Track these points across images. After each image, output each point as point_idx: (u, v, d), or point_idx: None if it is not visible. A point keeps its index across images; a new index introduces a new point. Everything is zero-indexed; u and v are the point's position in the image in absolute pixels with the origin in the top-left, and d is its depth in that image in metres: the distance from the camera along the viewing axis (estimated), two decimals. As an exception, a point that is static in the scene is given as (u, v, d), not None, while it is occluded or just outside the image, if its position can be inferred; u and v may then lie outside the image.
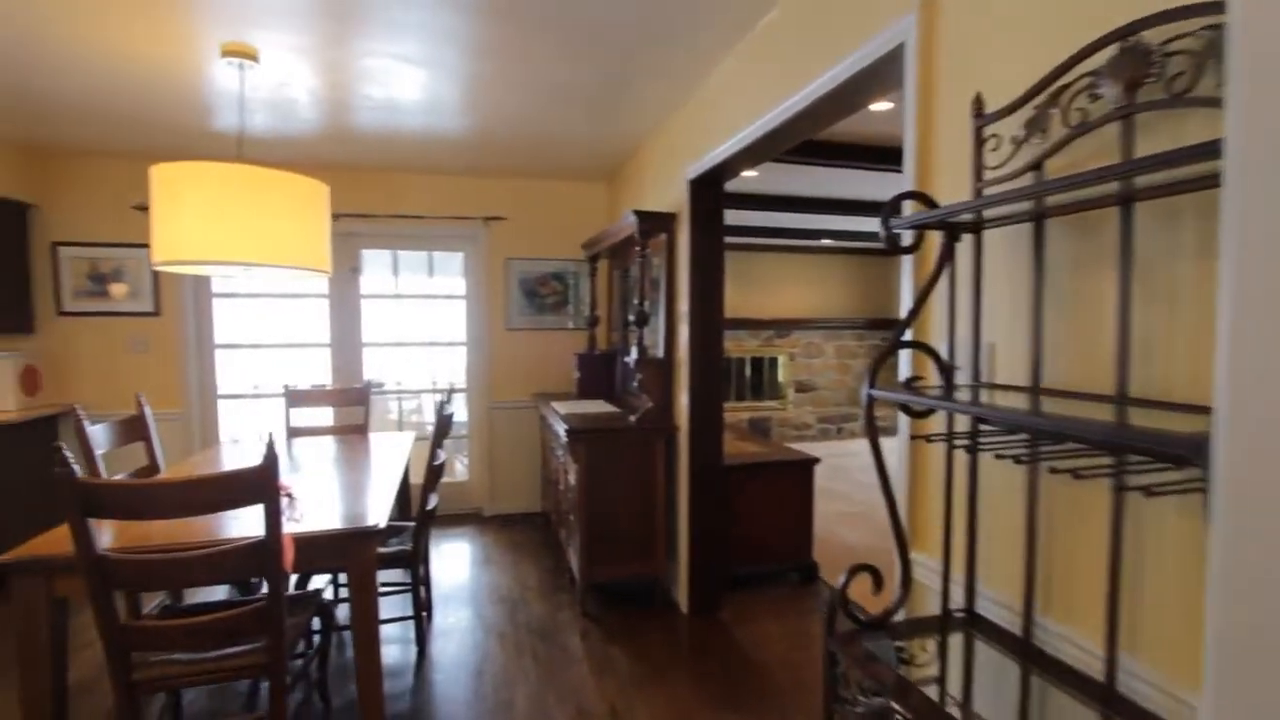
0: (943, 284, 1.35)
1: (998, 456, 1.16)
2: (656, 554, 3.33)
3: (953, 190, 1.43)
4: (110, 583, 1.78)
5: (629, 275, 4.20)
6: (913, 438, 1.52)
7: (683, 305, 3.16)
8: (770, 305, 7.81)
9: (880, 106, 3.11)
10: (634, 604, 3.34)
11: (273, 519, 1.84)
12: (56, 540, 1.99)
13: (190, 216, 2.29)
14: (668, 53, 2.62)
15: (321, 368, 4.61)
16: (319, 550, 2.05)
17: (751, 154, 2.66)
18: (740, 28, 2.43)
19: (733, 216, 4.29)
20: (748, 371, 7.85)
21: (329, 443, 3.46)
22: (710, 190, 3.08)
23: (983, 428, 1.25)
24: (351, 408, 3.93)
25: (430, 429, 3.32)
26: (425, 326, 4.82)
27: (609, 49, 2.59)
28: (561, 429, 3.32)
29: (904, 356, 1.48)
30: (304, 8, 2.24)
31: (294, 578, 2.87)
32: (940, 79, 1.48)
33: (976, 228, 1.30)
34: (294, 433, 3.70)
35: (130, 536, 1.98)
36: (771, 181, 4.77)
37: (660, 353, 3.39)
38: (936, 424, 1.40)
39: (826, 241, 7.26)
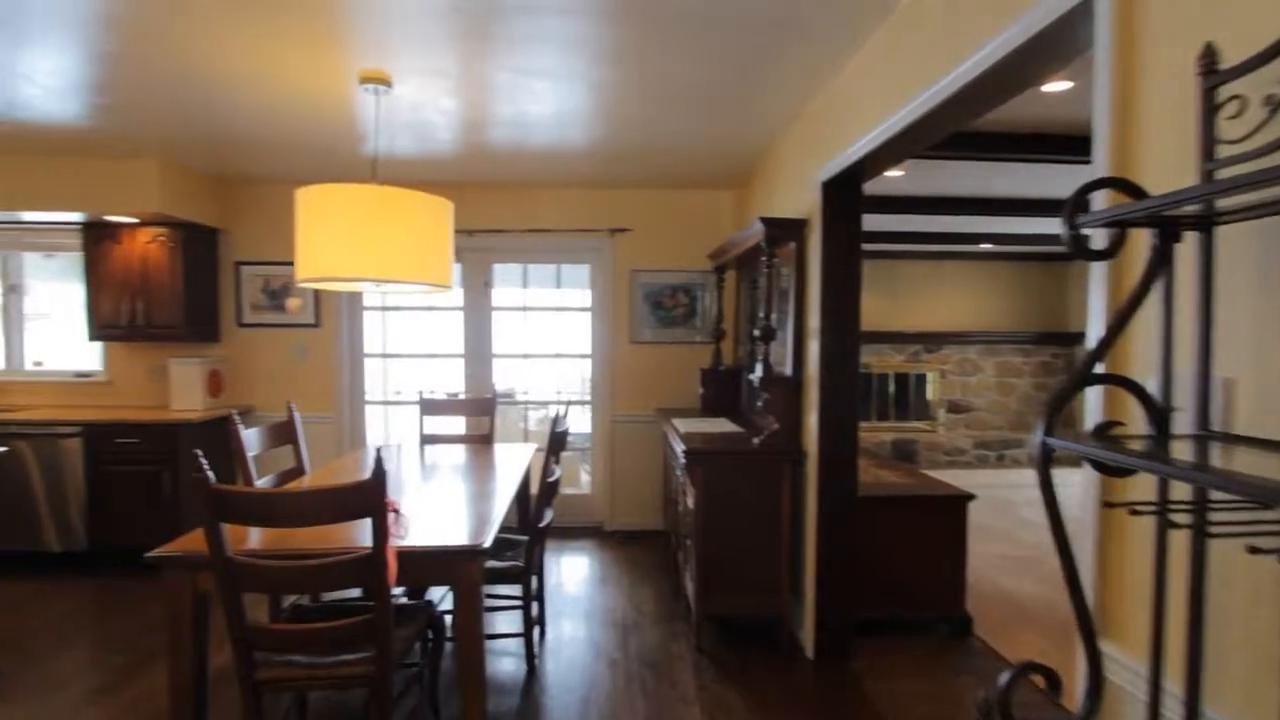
0: (1154, 298, 1.02)
1: (1251, 551, 0.82)
2: (780, 589, 3.05)
3: (1167, 175, 1.09)
4: (236, 584, 1.86)
5: (756, 287, 3.97)
6: (1107, 505, 1.17)
7: (813, 320, 2.88)
8: (917, 317, 7.16)
9: (1055, 87, 2.65)
10: (753, 641, 3.09)
11: (379, 534, 1.84)
12: (202, 538, 2.13)
13: (326, 236, 2.40)
14: (800, 41, 2.39)
15: (456, 377, 4.80)
16: (424, 566, 2.04)
17: (893, 150, 2.35)
18: (881, 9, 2.14)
19: (873, 222, 3.91)
20: (891, 389, 7.24)
21: (457, 451, 3.55)
22: (845, 193, 2.78)
23: (1217, 497, 0.91)
24: (479, 417, 4.03)
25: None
26: (552, 338, 4.87)
27: (738, 45, 2.40)
28: (680, 449, 3.15)
29: (1093, 393, 1.15)
30: (435, 31, 2.28)
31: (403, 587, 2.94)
32: (1146, 29, 1.14)
33: (1207, 222, 0.96)
34: (427, 439, 3.84)
35: (273, 539, 2.06)
36: (918, 181, 4.32)
37: (788, 370, 3.12)
38: (1142, 486, 1.06)
39: (986, 246, 6.52)
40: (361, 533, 2.09)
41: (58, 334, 4.64)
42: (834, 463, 2.84)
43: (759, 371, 3.04)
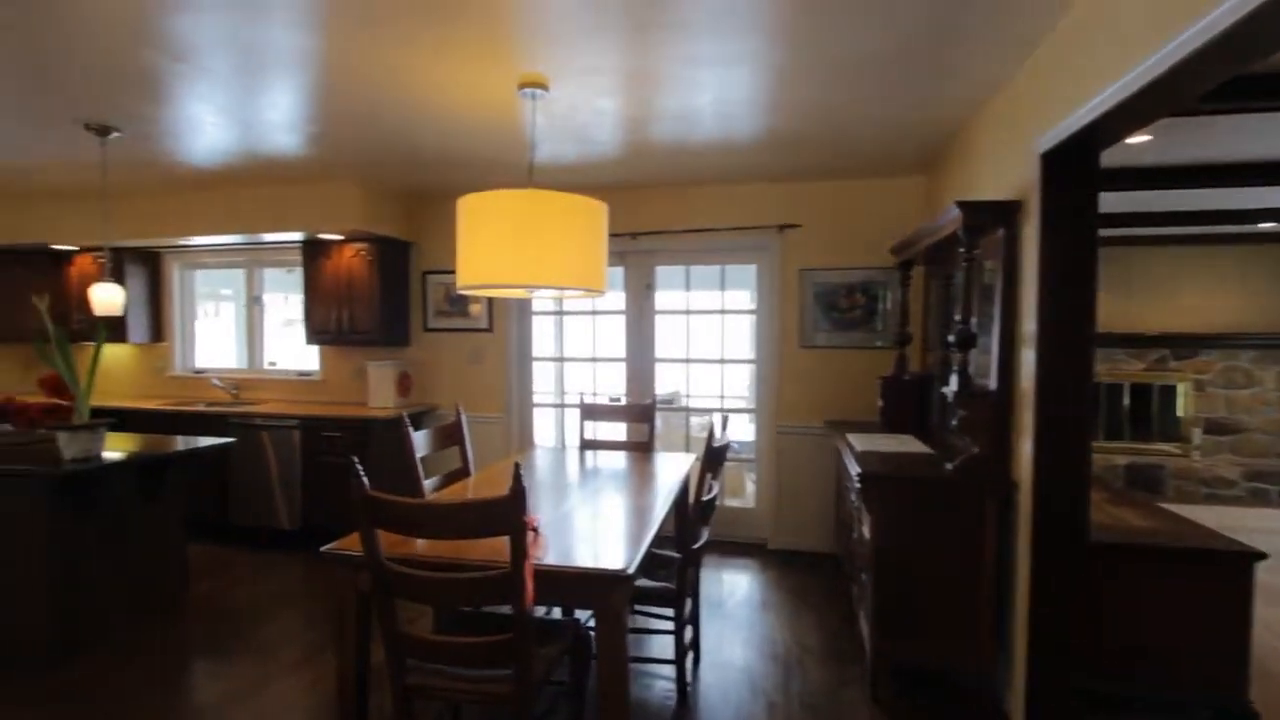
0: None
1: None
2: (978, 642, 2.55)
3: None
4: (386, 588, 1.88)
5: (951, 284, 3.42)
6: None
7: (1027, 323, 2.36)
8: (1162, 316, 5.88)
9: None
10: (944, 698, 2.62)
11: (517, 552, 1.75)
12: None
13: (482, 242, 2.39)
14: (1010, -19, 1.93)
15: (619, 381, 4.77)
16: (564, 587, 1.92)
17: (1140, 107, 1.80)
18: (1134, -87, 1.64)
19: (1103, 201, 3.17)
20: (1125, 402, 6.03)
21: (616, 459, 3.47)
22: (1073, 165, 2.23)
23: None
24: (639, 424, 3.93)
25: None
26: (715, 342, 4.65)
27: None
28: (854, 469, 2.77)
29: None
30: (591, 23, 2.17)
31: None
32: None
33: None
34: (587, 445, 3.82)
35: (433, 545, 2.06)
36: (1170, 146, 3.45)
37: (991, 383, 2.61)
38: None
39: (1268, 225, 5.16)
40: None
41: (287, 338, 5.34)
42: (1055, 499, 2.29)
43: (954, 384, 2.57)
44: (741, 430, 4.85)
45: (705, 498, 2.61)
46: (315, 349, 5.09)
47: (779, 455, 4.40)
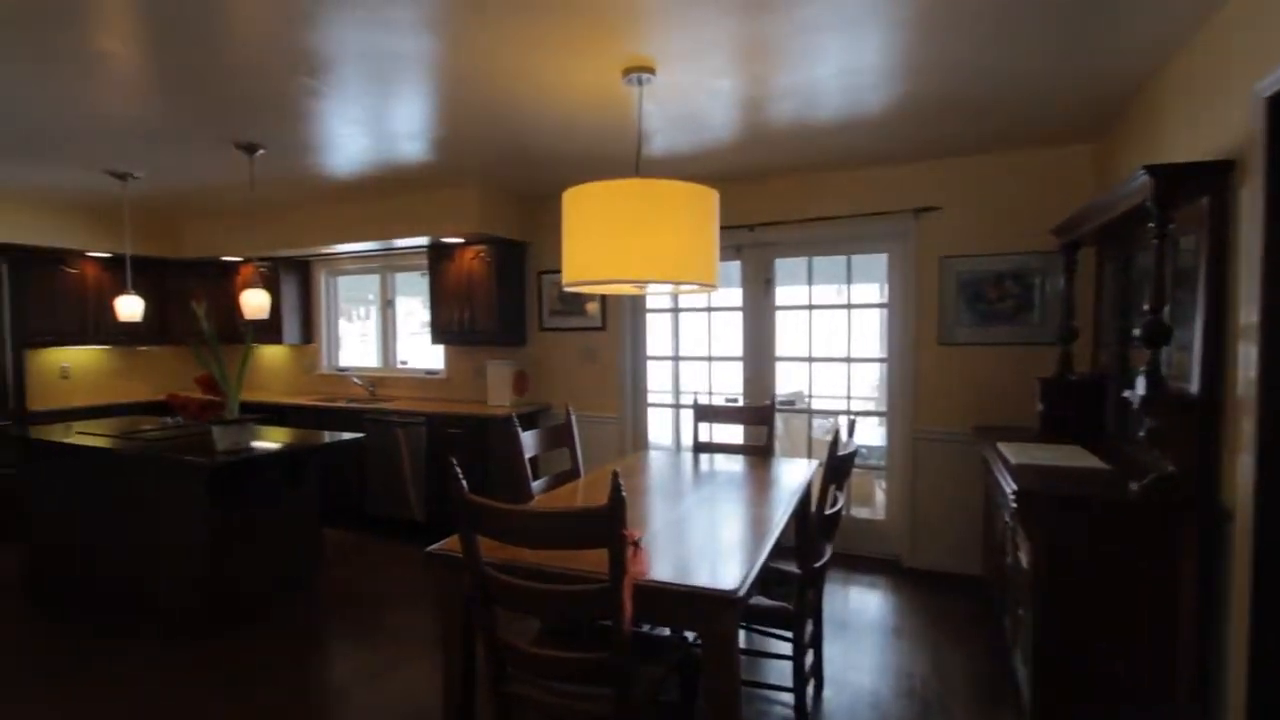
0: None
1: None
2: (1176, 707, 2.09)
3: None
4: (485, 594, 1.81)
5: (1131, 268, 2.88)
6: None
7: (1247, 312, 1.89)
8: None
9: None
10: (1126, 770, 2.17)
11: (616, 568, 1.61)
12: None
13: (586, 237, 2.29)
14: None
15: (736, 381, 4.54)
16: (668, 606, 1.76)
17: None
18: None
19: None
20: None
21: (732, 463, 3.27)
22: (1314, 108, 1.74)
23: None
24: (758, 426, 3.71)
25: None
26: (841, 339, 4.29)
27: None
28: (1009, 485, 2.38)
29: None
30: (685, -11, 1.99)
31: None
32: None
33: None
34: (701, 447, 3.64)
35: (544, 553, 1.97)
36: None
37: (1192, 386, 2.13)
38: None
39: None
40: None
41: (419, 339, 5.62)
42: (1285, 533, 1.81)
43: (1141, 387, 2.11)
44: (869, 434, 4.45)
45: (829, 510, 2.35)
46: (440, 348, 5.30)
47: (915, 463, 3.97)
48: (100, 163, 3.80)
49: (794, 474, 3.01)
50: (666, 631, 2.45)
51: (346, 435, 3.75)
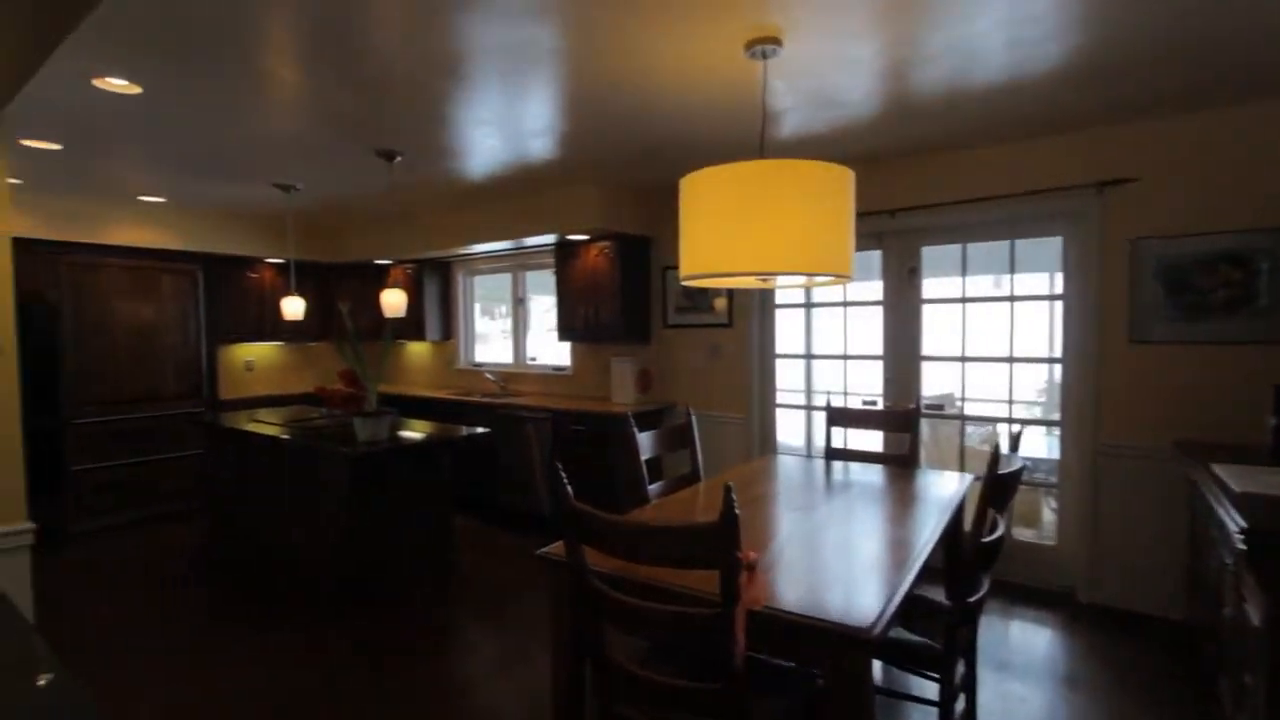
0: None
1: None
2: None
3: None
4: (588, 604, 1.70)
5: None
6: None
7: None
8: None
9: None
10: None
11: (727, 593, 1.44)
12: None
13: (705, 226, 2.12)
14: None
15: (875, 382, 4.15)
16: (788, 639, 1.55)
17: None
18: None
19: None
20: None
21: (868, 473, 2.95)
22: None
23: None
24: (899, 433, 3.34)
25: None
26: (1001, 337, 3.77)
27: None
28: (1232, 518, 1.90)
29: None
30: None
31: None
32: None
33: None
34: (834, 454, 3.34)
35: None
36: None
37: None
38: None
39: None
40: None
41: (550, 335, 5.73)
42: None
43: None
44: (1035, 445, 3.89)
45: (987, 538, 2.01)
46: (567, 345, 5.36)
47: (1096, 480, 3.39)
48: (268, 176, 4.19)
49: (942, 488, 2.65)
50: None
51: (478, 430, 3.86)
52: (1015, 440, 2.26)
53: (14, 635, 1.35)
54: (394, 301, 3.77)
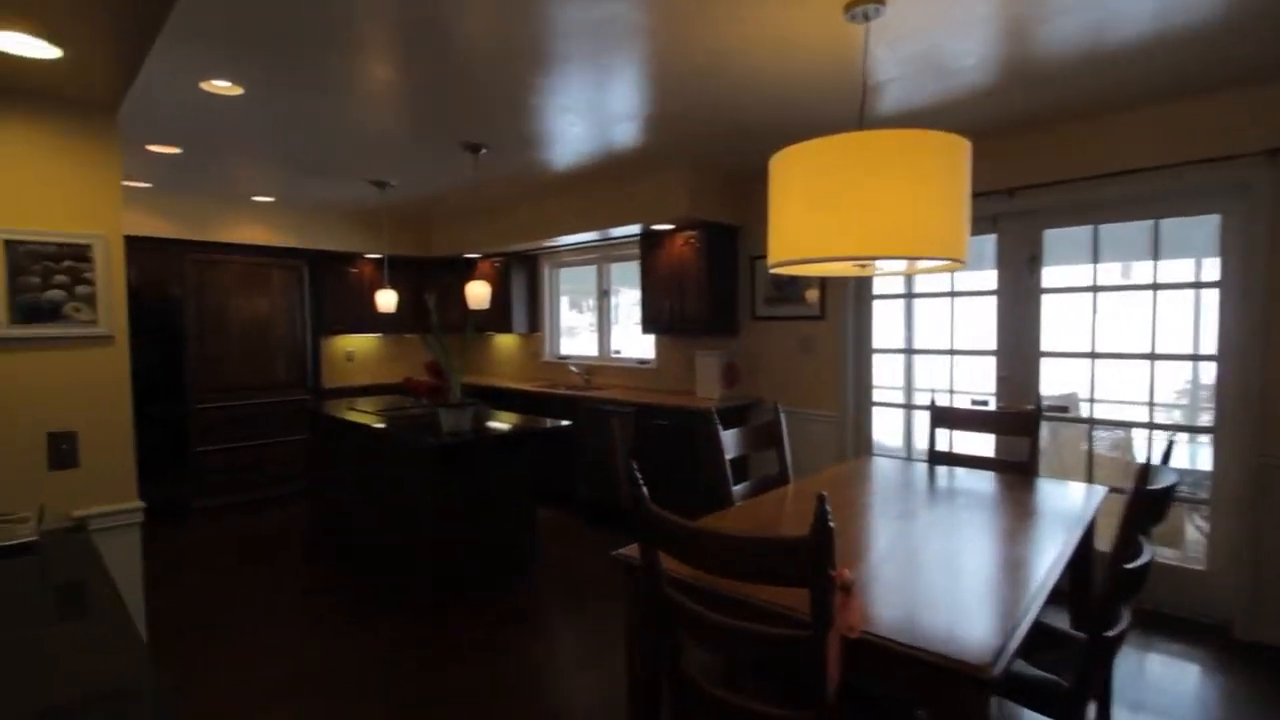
0: None
1: None
2: None
3: None
4: (666, 617, 1.58)
5: None
6: None
7: None
8: None
9: None
10: None
11: (818, 617, 1.27)
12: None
13: (798, 208, 1.94)
14: None
15: (986, 379, 3.78)
16: (889, 672, 1.36)
17: None
18: None
19: None
20: None
21: (978, 481, 2.66)
22: None
23: None
24: (1015, 437, 3.01)
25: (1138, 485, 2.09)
26: (1140, 329, 3.32)
27: None
28: None
29: None
30: None
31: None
32: None
33: None
34: (938, 458, 3.06)
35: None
36: None
37: None
38: None
39: None
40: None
41: (631, 328, 5.65)
42: None
43: None
44: (1176, 452, 3.41)
45: (1131, 564, 1.72)
46: (651, 338, 5.26)
47: (1261, 498, 2.91)
48: (364, 173, 4.33)
49: (1067, 501, 2.34)
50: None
51: (561, 423, 3.83)
52: (1167, 452, 1.93)
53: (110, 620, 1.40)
54: (478, 293, 3.79)
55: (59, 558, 1.83)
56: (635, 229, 4.74)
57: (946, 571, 1.72)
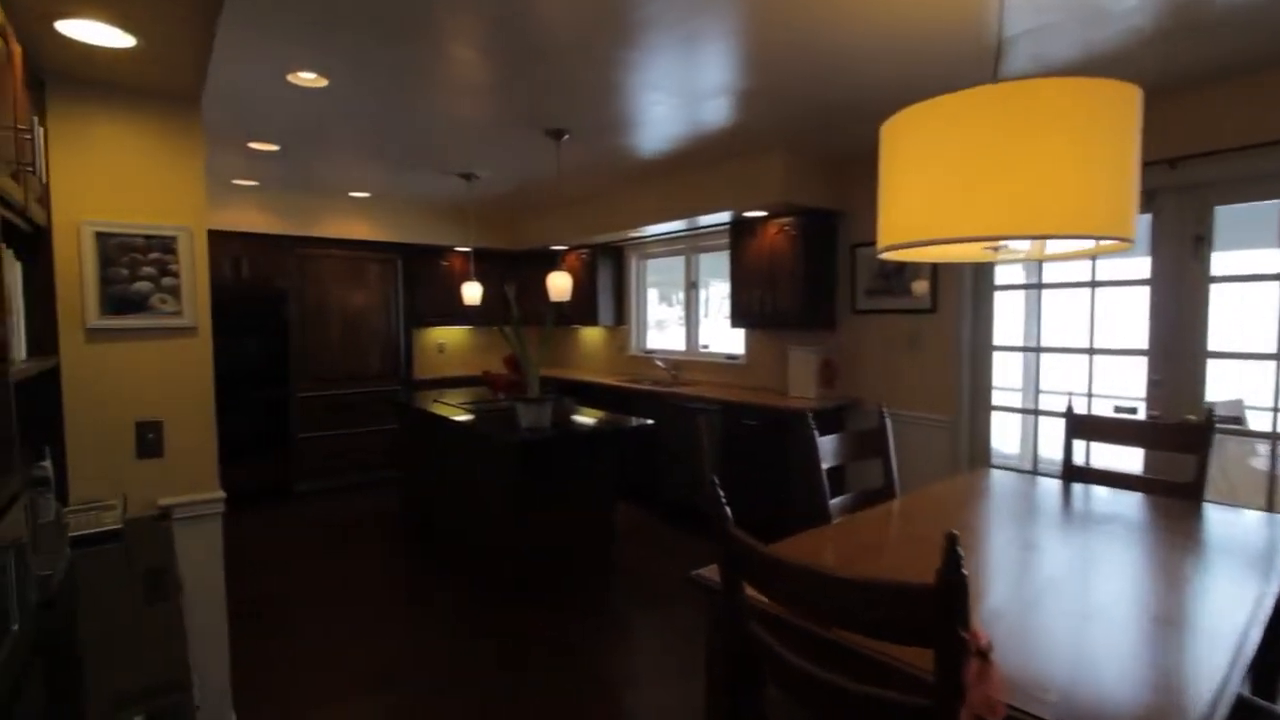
0: None
1: None
2: None
3: None
4: (750, 661, 1.36)
5: None
6: None
7: None
8: None
9: None
10: None
11: (946, 686, 1.01)
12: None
13: (915, 180, 1.63)
14: None
15: (1134, 382, 3.26)
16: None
17: None
18: None
19: None
20: None
21: (1124, 503, 2.25)
22: None
23: None
24: (1177, 454, 2.53)
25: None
26: (1342, 327, 2.72)
27: None
28: None
29: None
30: None
31: None
32: None
33: None
34: (1075, 474, 2.63)
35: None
36: None
37: None
38: None
39: None
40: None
41: (716, 322, 5.39)
42: None
43: None
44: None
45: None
46: (741, 332, 4.98)
47: None
48: (450, 166, 4.31)
49: (1250, 535, 1.90)
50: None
51: (644, 422, 3.66)
52: None
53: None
54: (560, 285, 3.68)
55: (141, 545, 1.84)
56: (725, 217, 4.48)
57: (1106, 624, 1.38)
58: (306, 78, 2.73)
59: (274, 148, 3.85)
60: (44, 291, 1.93)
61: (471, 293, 4.59)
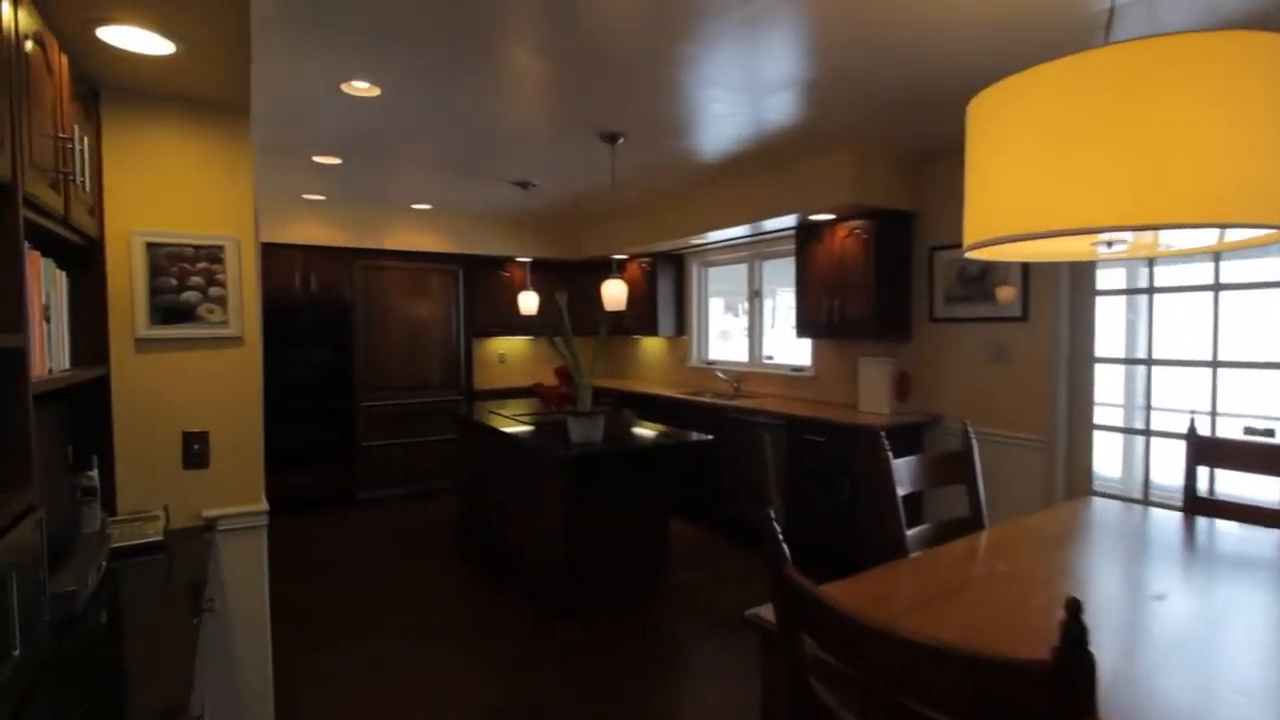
0: None
1: None
2: None
3: None
4: (812, 716, 1.16)
5: None
6: None
7: None
8: None
9: None
10: None
11: (1067, 795, 0.79)
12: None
13: (1010, 164, 1.40)
14: None
15: (1271, 400, 2.83)
16: None
17: None
18: None
19: None
20: None
21: (1260, 542, 1.90)
22: None
23: None
24: (1326, 484, 2.14)
25: None
26: None
27: None
28: None
29: None
30: None
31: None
32: None
33: None
34: (1200, 506, 2.27)
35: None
36: None
37: None
38: None
39: None
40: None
41: (782, 332, 5.14)
42: None
43: None
44: None
45: None
46: (808, 343, 4.72)
47: None
48: (506, 174, 4.28)
49: None
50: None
51: (703, 437, 3.48)
52: None
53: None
54: (614, 293, 3.55)
55: (183, 558, 1.81)
56: (790, 220, 4.25)
57: (1251, 703, 1.10)
58: (359, 87, 2.72)
59: (336, 160, 3.90)
60: (94, 302, 1.93)
61: (528, 303, 4.53)
